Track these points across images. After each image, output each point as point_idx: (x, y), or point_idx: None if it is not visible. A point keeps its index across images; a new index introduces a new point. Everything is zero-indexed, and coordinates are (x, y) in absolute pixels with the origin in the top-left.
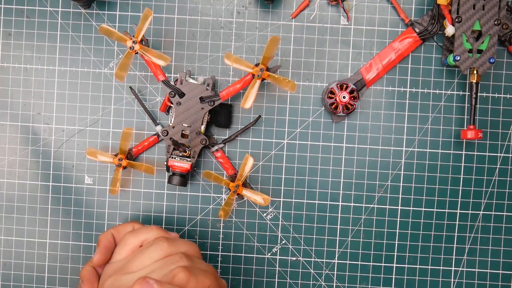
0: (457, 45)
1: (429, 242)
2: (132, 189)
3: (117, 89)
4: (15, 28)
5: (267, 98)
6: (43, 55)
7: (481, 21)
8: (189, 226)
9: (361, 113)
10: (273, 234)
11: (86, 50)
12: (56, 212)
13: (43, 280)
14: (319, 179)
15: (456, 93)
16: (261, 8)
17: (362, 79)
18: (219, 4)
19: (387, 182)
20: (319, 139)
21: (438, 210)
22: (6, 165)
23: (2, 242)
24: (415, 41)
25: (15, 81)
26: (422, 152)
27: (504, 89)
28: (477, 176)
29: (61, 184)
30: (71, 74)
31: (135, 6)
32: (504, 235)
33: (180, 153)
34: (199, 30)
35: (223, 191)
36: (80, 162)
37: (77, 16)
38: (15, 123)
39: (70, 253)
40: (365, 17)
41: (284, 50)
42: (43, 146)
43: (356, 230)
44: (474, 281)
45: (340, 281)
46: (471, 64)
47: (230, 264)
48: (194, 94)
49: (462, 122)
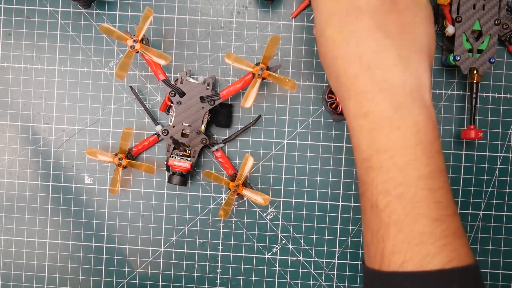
0: (457, 45)
1: None
2: (132, 189)
3: (117, 89)
4: (15, 28)
5: (267, 98)
6: (43, 55)
7: (481, 21)
8: (189, 226)
9: None
10: (273, 234)
11: (86, 50)
12: (56, 212)
13: (43, 280)
14: (319, 179)
15: (456, 93)
16: (261, 8)
17: None
18: (219, 4)
19: None
20: (319, 139)
21: None
22: (6, 165)
23: (2, 242)
24: None
25: (15, 81)
26: None
27: (504, 89)
28: (477, 176)
29: (61, 184)
30: (71, 74)
31: (135, 6)
32: (504, 235)
33: (180, 152)
34: (199, 30)
35: (223, 191)
36: (80, 162)
37: (77, 16)
38: (15, 123)
39: (70, 253)
40: None
41: (284, 50)
42: (43, 146)
43: (356, 230)
44: None
45: (340, 281)
46: (471, 64)
47: (230, 264)
48: (194, 93)
49: (462, 122)
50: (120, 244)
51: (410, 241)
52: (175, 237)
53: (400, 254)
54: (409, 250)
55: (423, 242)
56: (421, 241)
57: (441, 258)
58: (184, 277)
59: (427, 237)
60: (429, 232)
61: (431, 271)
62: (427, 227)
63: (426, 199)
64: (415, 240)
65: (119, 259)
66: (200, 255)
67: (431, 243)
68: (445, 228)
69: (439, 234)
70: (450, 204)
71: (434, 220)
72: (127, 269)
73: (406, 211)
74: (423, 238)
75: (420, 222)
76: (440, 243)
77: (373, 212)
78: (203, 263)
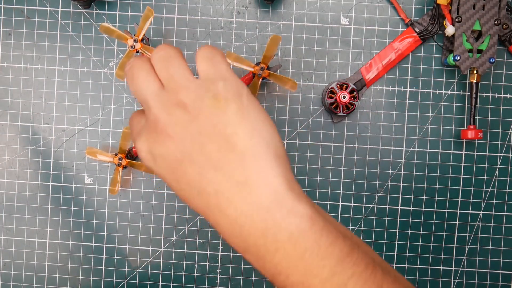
0: (457, 45)
1: (429, 242)
2: (132, 189)
3: (117, 89)
4: (15, 28)
5: (267, 98)
6: (43, 55)
7: (481, 21)
8: (189, 226)
9: (361, 113)
10: None
11: (86, 50)
12: (56, 212)
13: (43, 280)
14: (319, 179)
15: (456, 93)
16: (261, 8)
17: (362, 79)
18: (219, 4)
19: (387, 182)
20: (319, 139)
21: (438, 210)
22: (6, 165)
23: (2, 242)
24: (415, 41)
25: (15, 81)
26: (422, 152)
27: (504, 89)
28: (477, 176)
29: (61, 184)
30: (71, 74)
31: (135, 6)
32: (504, 235)
33: None
34: (199, 30)
35: None
36: (80, 162)
37: (77, 16)
38: (15, 123)
39: (70, 253)
40: (365, 17)
41: (284, 50)
42: (43, 146)
43: (356, 230)
44: (474, 281)
45: None
46: (471, 64)
47: (230, 264)
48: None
49: (462, 122)
50: (120, 244)
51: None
52: (175, 237)
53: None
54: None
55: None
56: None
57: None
58: (184, 277)
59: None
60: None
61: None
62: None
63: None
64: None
65: (119, 259)
66: (200, 255)
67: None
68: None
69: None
70: (370, 277)
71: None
72: (127, 269)
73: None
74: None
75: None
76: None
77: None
78: (203, 263)
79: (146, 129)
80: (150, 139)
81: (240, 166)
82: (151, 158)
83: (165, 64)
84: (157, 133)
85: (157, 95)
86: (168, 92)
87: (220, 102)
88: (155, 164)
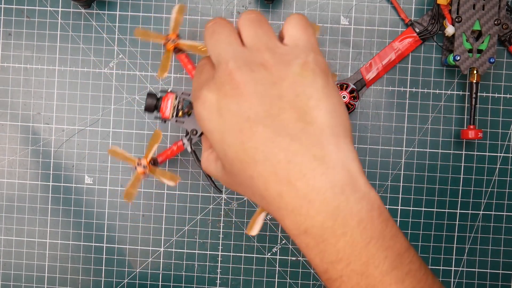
0: (457, 45)
1: (429, 242)
2: None
3: (117, 89)
4: (15, 28)
5: None
6: (43, 55)
7: (481, 21)
8: (189, 226)
9: (361, 113)
10: (273, 234)
11: (86, 50)
12: (56, 212)
13: (43, 280)
14: None
15: (456, 93)
16: (261, 8)
17: (362, 79)
18: (219, 4)
19: (387, 182)
20: None
21: (438, 210)
22: (6, 165)
23: (2, 242)
24: (415, 41)
25: (15, 81)
26: (422, 152)
27: (504, 89)
28: (477, 176)
29: (61, 184)
30: (71, 74)
31: (135, 6)
32: (504, 235)
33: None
34: (199, 30)
35: (223, 191)
36: (80, 162)
37: (77, 16)
38: (15, 123)
39: (70, 253)
40: (365, 17)
41: None
42: (43, 146)
43: None
44: (474, 281)
45: None
46: (471, 64)
47: (230, 264)
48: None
49: (462, 122)
50: (120, 244)
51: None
52: (175, 237)
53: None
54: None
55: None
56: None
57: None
58: (184, 277)
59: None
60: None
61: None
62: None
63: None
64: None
65: (119, 259)
66: (200, 255)
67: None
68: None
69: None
70: (423, 278)
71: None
72: (127, 269)
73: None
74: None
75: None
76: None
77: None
78: (203, 263)
79: (216, 81)
80: (222, 91)
81: (319, 142)
82: (215, 110)
83: (253, 25)
84: (231, 88)
85: (239, 51)
86: (252, 51)
87: (308, 72)
88: (219, 118)
